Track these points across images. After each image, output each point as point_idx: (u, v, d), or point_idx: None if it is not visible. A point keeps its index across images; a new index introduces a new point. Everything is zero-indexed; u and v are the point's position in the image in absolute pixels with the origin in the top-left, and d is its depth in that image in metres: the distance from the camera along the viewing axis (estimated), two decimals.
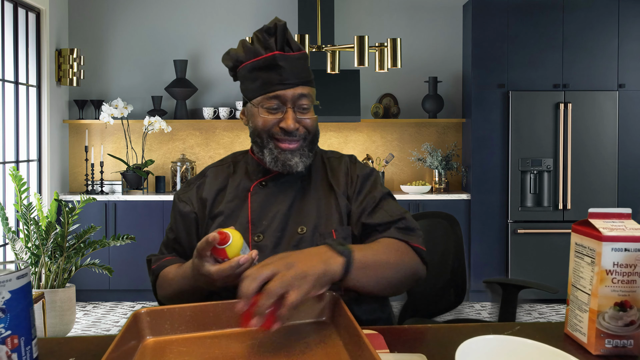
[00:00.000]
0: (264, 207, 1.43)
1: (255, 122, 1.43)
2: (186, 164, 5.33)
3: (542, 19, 5.03)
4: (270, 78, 1.40)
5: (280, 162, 1.41)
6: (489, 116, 5.06)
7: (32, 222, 4.00)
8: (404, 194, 5.12)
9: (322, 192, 1.47)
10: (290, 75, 1.39)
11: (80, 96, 5.50)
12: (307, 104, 1.42)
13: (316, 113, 1.49)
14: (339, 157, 1.55)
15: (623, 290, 1.04)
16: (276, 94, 1.40)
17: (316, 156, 1.53)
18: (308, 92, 1.42)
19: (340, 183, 1.47)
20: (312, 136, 1.45)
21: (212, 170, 1.54)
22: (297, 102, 1.41)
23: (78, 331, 4.29)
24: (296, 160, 1.42)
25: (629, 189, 5.01)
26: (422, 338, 1.17)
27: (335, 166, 1.52)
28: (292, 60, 1.41)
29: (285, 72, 1.39)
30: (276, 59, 1.39)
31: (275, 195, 1.45)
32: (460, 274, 2.31)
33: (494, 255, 5.05)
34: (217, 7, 5.54)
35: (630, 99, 5.04)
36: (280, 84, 1.39)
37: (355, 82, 5.12)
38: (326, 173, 1.50)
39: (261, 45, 1.41)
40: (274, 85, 1.39)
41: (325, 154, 1.57)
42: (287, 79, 1.39)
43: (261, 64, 1.40)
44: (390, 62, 3.55)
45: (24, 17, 4.85)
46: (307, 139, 1.44)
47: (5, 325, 0.94)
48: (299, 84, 1.40)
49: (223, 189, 1.49)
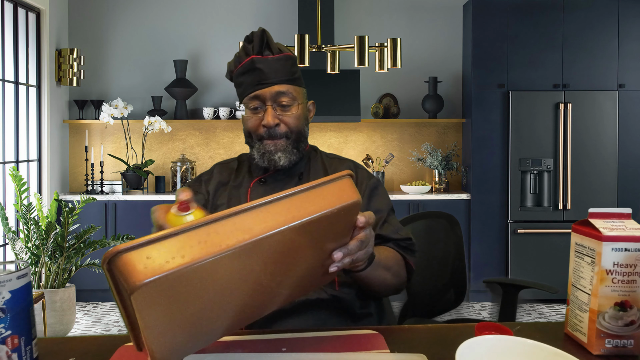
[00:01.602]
0: None
1: (244, 124, 1.54)
2: (186, 164, 5.33)
3: (542, 19, 5.03)
4: (250, 80, 1.49)
5: (266, 158, 1.50)
6: (489, 116, 5.07)
7: (32, 222, 4.00)
8: (404, 194, 5.12)
9: None
10: (268, 75, 1.48)
11: (80, 96, 5.50)
12: (287, 101, 1.49)
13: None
14: (340, 160, 1.61)
15: (623, 290, 1.04)
16: (255, 93, 1.49)
17: (314, 155, 1.61)
18: (287, 90, 1.49)
19: None
20: (296, 134, 1.51)
21: (219, 166, 1.64)
22: (276, 100, 1.49)
23: (78, 331, 4.29)
24: (279, 155, 1.49)
25: (629, 189, 5.01)
26: (422, 338, 1.18)
27: (336, 165, 1.58)
28: (271, 62, 1.49)
29: (263, 74, 1.48)
30: (254, 62, 1.49)
31: (273, 191, 1.48)
32: (460, 274, 2.31)
33: (494, 255, 5.05)
34: (217, 7, 5.54)
35: (630, 99, 5.04)
36: (259, 84, 1.48)
37: (355, 82, 5.12)
38: (325, 171, 1.57)
39: (243, 52, 1.52)
40: (254, 86, 1.49)
41: (328, 156, 1.63)
42: (265, 79, 1.48)
43: (243, 69, 1.51)
44: (390, 62, 3.55)
45: (24, 17, 4.85)
46: (291, 137, 1.51)
47: (6, 325, 0.94)
48: (276, 82, 1.48)
49: (225, 183, 1.58)
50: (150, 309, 0.84)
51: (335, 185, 1.01)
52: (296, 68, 1.54)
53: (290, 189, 0.97)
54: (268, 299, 1.09)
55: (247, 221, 0.91)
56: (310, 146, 1.63)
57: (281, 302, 1.14)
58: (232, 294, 0.97)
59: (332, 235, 1.06)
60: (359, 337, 1.18)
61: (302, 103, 1.53)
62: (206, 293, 0.91)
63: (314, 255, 1.06)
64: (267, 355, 1.08)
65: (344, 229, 1.07)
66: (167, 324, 0.89)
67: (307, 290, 1.28)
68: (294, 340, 1.16)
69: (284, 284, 1.07)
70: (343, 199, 1.00)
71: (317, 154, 1.63)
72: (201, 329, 0.99)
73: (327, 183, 1.01)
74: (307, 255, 1.04)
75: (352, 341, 1.15)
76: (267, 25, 5.46)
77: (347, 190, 1.02)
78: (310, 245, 1.02)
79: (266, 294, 1.06)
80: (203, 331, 1.00)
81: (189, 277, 0.85)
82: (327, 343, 1.14)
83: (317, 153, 1.63)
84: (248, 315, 1.10)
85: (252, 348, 1.12)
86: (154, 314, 0.85)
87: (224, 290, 0.94)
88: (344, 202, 1.00)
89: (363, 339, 1.16)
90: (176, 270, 0.82)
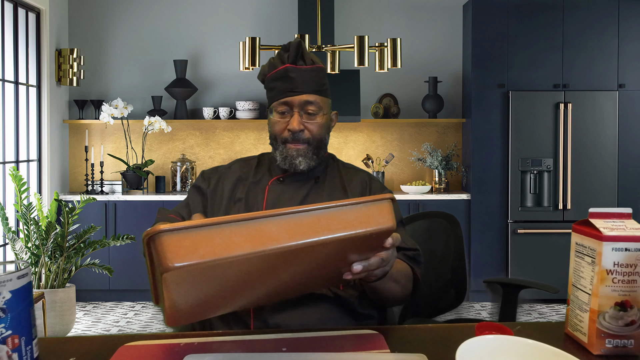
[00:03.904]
0: (278, 200, 1.60)
1: (270, 125, 1.63)
2: (186, 164, 5.33)
3: (542, 19, 5.03)
4: (282, 87, 1.59)
5: (288, 161, 1.59)
6: (489, 116, 5.07)
7: (32, 222, 4.00)
8: (404, 194, 5.12)
9: (335, 192, 1.62)
10: (299, 84, 1.58)
11: (80, 96, 5.50)
12: (314, 110, 1.59)
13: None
14: (357, 171, 1.70)
15: (623, 290, 1.04)
16: (285, 100, 1.58)
17: (332, 163, 1.71)
18: (315, 100, 1.59)
19: (356, 189, 1.63)
20: (318, 141, 1.61)
21: (239, 162, 1.73)
22: (304, 107, 1.58)
23: (78, 331, 4.29)
24: (300, 160, 1.59)
25: (629, 189, 5.01)
26: (422, 338, 1.18)
27: (351, 174, 1.68)
28: (303, 72, 1.59)
29: (295, 82, 1.58)
30: (287, 71, 1.59)
31: (290, 190, 1.61)
32: (460, 274, 2.31)
33: (494, 255, 5.05)
34: (217, 7, 5.54)
35: (630, 99, 5.04)
36: (290, 92, 1.58)
37: (355, 82, 5.12)
38: (341, 177, 1.66)
39: (278, 59, 1.61)
40: (285, 92, 1.59)
41: (345, 165, 1.73)
42: (296, 88, 1.58)
43: (276, 75, 1.60)
44: (390, 62, 3.55)
45: (24, 17, 4.85)
46: (312, 143, 1.60)
47: (6, 325, 0.94)
48: (306, 92, 1.58)
49: (245, 178, 1.66)
50: (177, 285, 0.93)
51: (376, 207, 1.06)
52: (325, 80, 1.64)
53: (335, 202, 1.02)
54: (283, 291, 1.19)
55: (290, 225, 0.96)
56: (329, 154, 1.73)
57: (291, 295, 1.26)
58: (253, 286, 1.07)
59: (360, 250, 1.11)
60: (359, 337, 1.18)
61: (326, 113, 1.63)
62: (229, 282, 1.00)
63: (336, 264, 1.12)
64: (267, 355, 1.08)
65: (372, 248, 1.13)
66: (186, 296, 0.99)
67: (317, 288, 1.38)
68: (294, 340, 1.16)
69: (301, 283, 1.17)
70: (380, 223, 1.06)
71: (335, 162, 1.72)
72: (215, 305, 1.10)
73: (370, 203, 1.06)
74: (331, 263, 1.11)
75: (352, 341, 1.16)
76: (266, 25, 5.47)
77: (386, 215, 1.07)
78: (338, 255, 1.08)
79: (282, 287, 1.15)
80: (216, 305, 1.11)
81: (218, 267, 0.93)
82: (328, 343, 1.14)
83: (335, 161, 1.73)
84: (260, 301, 1.20)
85: (252, 348, 1.12)
86: (178, 289, 0.95)
87: (245, 282, 1.03)
88: (380, 226, 1.06)
89: (363, 338, 1.16)
90: (208, 261, 0.90)
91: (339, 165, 1.72)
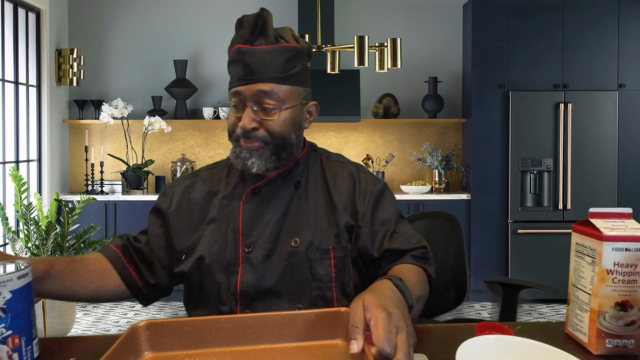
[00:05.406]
0: (256, 216, 1.35)
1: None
2: (186, 164, 5.33)
3: (542, 19, 5.03)
4: (234, 73, 1.31)
5: (240, 160, 1.32)
6: (489, 116, 5.07)
7: (32, 222, 4.00)
8: (404, 194, 5.12)
9: (320, 201, 1.37)
10: (252, 70, 1.27)
11: (80, 96, 5.50)
12: (271, 103, 1.28)
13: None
14: (343, 164, 1.43)
15: (624, 290, 1.04)
16: (236, 89, 1.30)
17: (313, 158, 1.44)
18: (272, 90, 1.27)
19: (343, 196, 1.37)
20: (278, 141, 1.30)
21: (206, 172, 1.46)
22: (258, 100, 1.28)
23: (78, 331, 4.29)
24: (253, 161, 1.30)
25: (629, 189, 5.01)
26: (422, 338, 1.17)
27: (338, 174, 1.41)
28: (259, 54, 1.27)
29: (248, 68, 1.27)
30: (240, 53, 1.29)
31: (268, 202, 1.36)
32: (460, 273, 2.31)
33: (494, 255, 5.05)
34: (217, 7, 5.54)
35: (630, 99, 5.04)
36: (240, 80, 1.28)
37: (355, 82, 5.12)
38: (326, 180, 1.40)
39: (235, 37, 1.32)
40: (235, 80, 1.30)
41: (329, 157, 1.46)
42: (247, 74, 1.27)
43: (230, 58, 1.32)
44: (390, 62, 3.55)
45: (24, 17, 4.85)
46: (271, 142, 1.30)
47: (6, 325, 0.94)
48: (261, 80, 1.27)
49: (216, 192, 1.41)
50: None
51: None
52: (295, 63, 1.31)
53: (287, 312, 1.09)
54: None
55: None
56: (309, 145, 1.46)
57: None
58: None
59: None
60: None
61: (293, 106, 1.31)
62: None
63: None
64: None
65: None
66: None
67: None
68: None
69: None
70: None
71: (317, 154, 1.45)
72: None
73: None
74: None
75: None
76: None
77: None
78: None
79: None
80: None
81: None
82: None
83: (317, 153, 1.45)
84: None
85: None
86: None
87: None
88: None
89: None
90: None
91: (322, 159, 1.44)
